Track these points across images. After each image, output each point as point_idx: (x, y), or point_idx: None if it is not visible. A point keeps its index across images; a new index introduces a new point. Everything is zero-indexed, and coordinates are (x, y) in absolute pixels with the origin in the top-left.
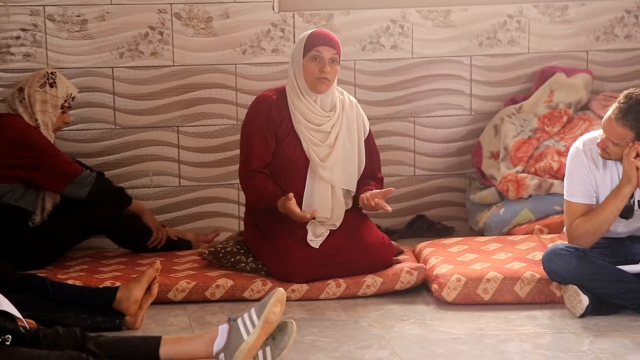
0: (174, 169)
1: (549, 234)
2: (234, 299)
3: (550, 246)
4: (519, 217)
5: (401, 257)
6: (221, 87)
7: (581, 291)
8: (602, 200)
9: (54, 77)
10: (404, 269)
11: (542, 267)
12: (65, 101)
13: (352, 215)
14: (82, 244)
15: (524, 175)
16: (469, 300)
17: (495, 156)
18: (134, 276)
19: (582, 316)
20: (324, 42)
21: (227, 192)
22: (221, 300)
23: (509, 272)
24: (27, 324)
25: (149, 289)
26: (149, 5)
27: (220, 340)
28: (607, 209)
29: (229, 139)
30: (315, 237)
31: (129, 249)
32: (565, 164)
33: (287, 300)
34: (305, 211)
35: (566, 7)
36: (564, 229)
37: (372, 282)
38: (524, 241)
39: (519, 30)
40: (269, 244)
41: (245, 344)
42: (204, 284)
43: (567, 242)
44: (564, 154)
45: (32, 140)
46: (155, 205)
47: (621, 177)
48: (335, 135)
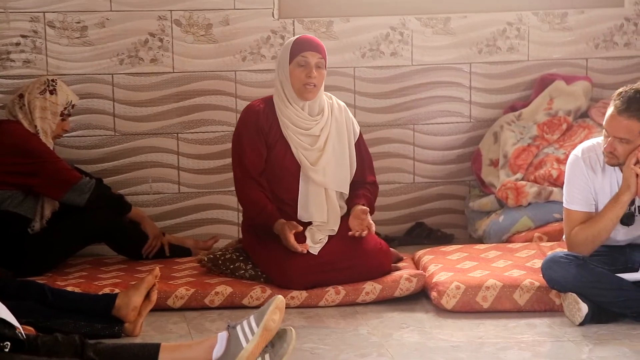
0: (173, 176)
1: (548, 241)
2: (233, 306)
3: (549, 254)
4: (518, 224)
5: (400, 265)
6: (221, 94)
7: (580, 299)
8: (601, 207)
9: (54, 84)
10: (403, 276)
11: (541, 275)
12: (65, 108)
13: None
14: (81, 251)
15: (524, 182)
16: (468, 308)
17: (494, 164)
18: (133, 283)
19: (581, 324)
20: (309, 47)
21: (227, 199)
22: (220, 307)
23: (508, 280)
24: (25, 331)
25: (148, 296)
26: (148, 12)
27: (219, 347)
28: (606, 217)
29: (229, 146)
30: (314, 243)
31: (128, 257)
32: (564, 172)
33: (286, 307)
34: (301, 216)
35: (566, 15)
36: (564, 236)
37: (371, 288)
38: (523, 249)
39: (518, 37)
40: (268, 251)
41: (244, 352)
42: (203, 291)
43: (566, 250)
44: (563, 161)
45: (32, 146)
46: (154, 212)
47: (620, 184)
48: (324, 138)
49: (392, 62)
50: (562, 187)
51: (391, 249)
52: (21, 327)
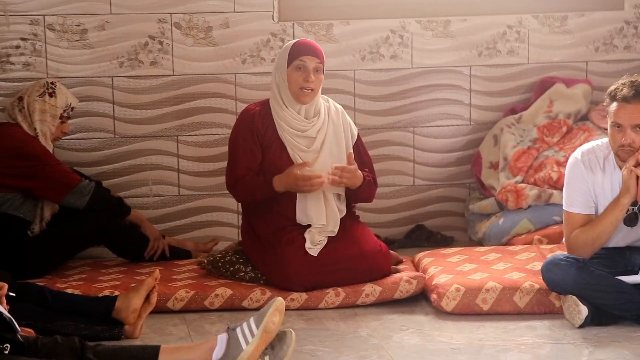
0: (173, 178)
1: (548, 244)
2: (232, 308)
3: (549, 256)
4: (518, 227)
5: (400, 267)
6: (221, 96)
7: (580, 302)
8: (601, 210)
9: (53, 87)
10: (403, 278)
11: (541, 278)
12: (64, 111)
13: (350, 223)
14: (80, 254)
15: (524, 185)
16: (468, 310)
17: (494, 166)
18: (133, 285)
19: (581, 327)
20: (307, 51)
21: (226, 202)
22: (220, 309)
23: (508, 282)
24: (25, 333)
25: (148, 298)
26: (148, 14)
27: (219, 349)
28: (606, 220)
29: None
30: (313, 245)
31: (128, 259)
32: (564, 174)
33: (286, 309)
34: (300, 220)
35: (566, 18)
36: (563, 239)
37: (371, 290)
38: (523, 251)
39: (518, 40)
40: (268, 253)
41: (244, 354)
42: (202, 293)
43: (566, 253)
44: (563, 164)
45: (32, 149)
46: (154, 214)
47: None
48: (321, 140)
49: (392, 64)
50: (562, 190)
51: (391, 251)
52: (20, 330)
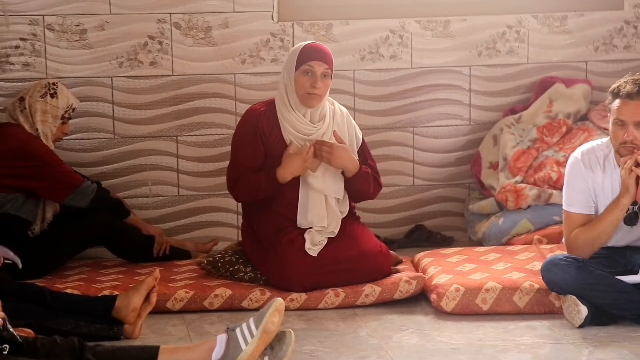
0: (173, 179)
1: (548, 244)
2: (232, 308)
3: (549, 256)
4: (518, 227)
5: (400, 267)
6: (220, 96)
7: (580, 301)
8: (601, 209)
9: (55, 87)
10: (403, 278)
11: (541, 277)
12: (65, 112)
13: (350, 223)
14: (80, 254)
15: (523, 185)
16: (468, 310)
17: (494, 166)
18: (133, 285)
19: (581, 326)
20: (317, 56)
21: (226, 202)
22: (219, 309)
23: (508, 282)
24: (24, 333)
25: (147, 298)
26: (148, 15)
27: (218, 350)
28: (606, 220)
29: (228, 148)
30: (313, 245)
31: (127, 260)
32: (564, 174)
33: (285, 309)
34: (301, 224)
35: (565, 18)
36: (563, 239)
37: (370, 291)
38: (523, 251)
39: (518, 40)
40: (268, 253)
41: (243, 354)
42: (202, 294)
43: (566, 253)
44: (563, 164)
45: (34, 149)
46: (154, 214)
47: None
48: None
49: (392, 64)
50: (561, 190)
51: (391, 251)
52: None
